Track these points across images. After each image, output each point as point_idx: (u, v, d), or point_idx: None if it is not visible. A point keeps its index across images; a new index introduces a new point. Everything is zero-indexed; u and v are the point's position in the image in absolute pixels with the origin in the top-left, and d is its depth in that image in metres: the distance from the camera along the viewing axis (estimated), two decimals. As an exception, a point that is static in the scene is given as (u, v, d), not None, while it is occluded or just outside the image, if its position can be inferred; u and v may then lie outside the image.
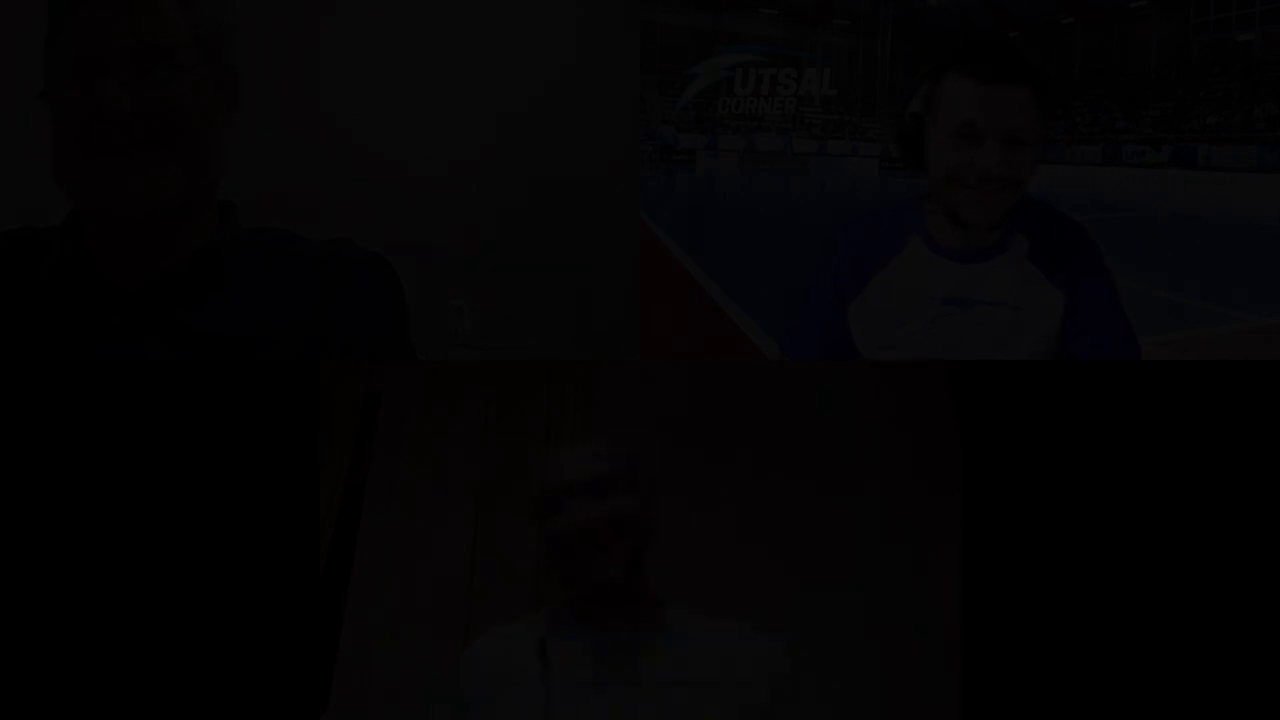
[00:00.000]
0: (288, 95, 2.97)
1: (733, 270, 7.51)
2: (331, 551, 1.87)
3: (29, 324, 1.06)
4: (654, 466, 1.12)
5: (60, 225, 1.11)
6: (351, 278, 1.14)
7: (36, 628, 0.98)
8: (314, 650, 1.01)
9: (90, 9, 1.04)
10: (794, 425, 1.93)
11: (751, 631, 1.10)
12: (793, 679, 1.07)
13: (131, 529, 1.00)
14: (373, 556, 1.88)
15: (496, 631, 1.14)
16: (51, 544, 0.99)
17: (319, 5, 3.21)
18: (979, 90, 1.27)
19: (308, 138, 3.09)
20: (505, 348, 3.10)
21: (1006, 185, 1.28)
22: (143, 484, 1.00)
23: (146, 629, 0.99)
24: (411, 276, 1.20)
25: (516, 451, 1.96)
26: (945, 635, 1.34)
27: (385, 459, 1.97)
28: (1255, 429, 1.02)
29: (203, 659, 0.99)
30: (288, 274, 1.12)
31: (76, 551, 0.99)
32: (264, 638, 1.00)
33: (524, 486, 1.92)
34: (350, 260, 1.16)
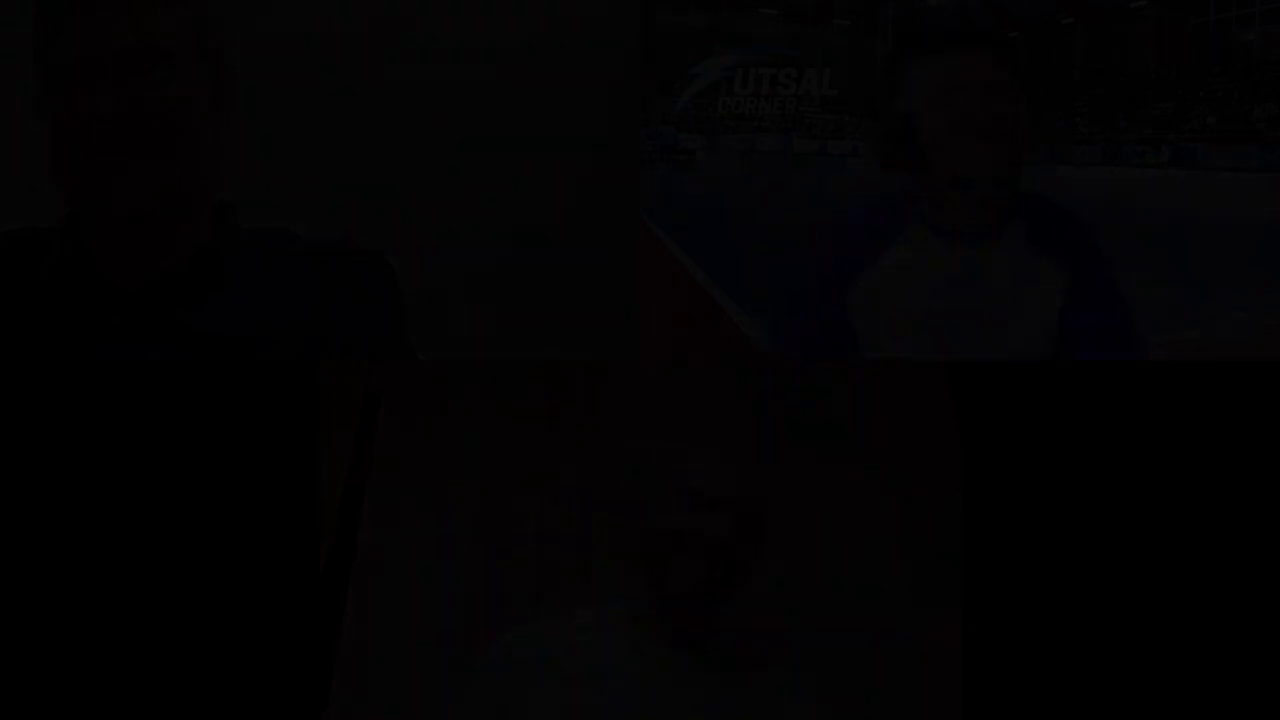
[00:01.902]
0: (287, 94, 2.96)
1: (733, 270, 7.52)
2: (331, 551, 1.87)
3: (29, 324, 1.06)
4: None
5: (60, 225, 1.11)
6: (351, 278, 1.14)
7: (37, 628, 0.98)
8: (314, 650, 1.01)
9: (88, 10, 1.04)
10: (793, 425, 1.92)
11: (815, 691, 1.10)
12: None
13: (131, 529, 1.00)
14: (373, 556, 1.88)
15: (535, 625, 1.14)
16: (52, 544, 0.99)
17: (318, 6, 3.21)
18: (942, 56, 1.33)
19: (308, 137, 3.09)
20: (505, 348, 3.10)
21: (1003, 134, 1.30)
22: (143, 484, 1.00)
23: (146, 629, 0.99)
24: (411, 276, 1.20)
25: (516, 452, 1.96)
26: (946, 636, 1.34)
27: (385, 459, 1.97)
28: (1255, 429, 1.02)
29: (203, 659, 0.99)
30: (288, 274, 1.12)
31: (77, 552, 0.99)
32: (264, 638, 1.00)
33: (524, 487, 1.92)
34: (350, 260, 1.16)
